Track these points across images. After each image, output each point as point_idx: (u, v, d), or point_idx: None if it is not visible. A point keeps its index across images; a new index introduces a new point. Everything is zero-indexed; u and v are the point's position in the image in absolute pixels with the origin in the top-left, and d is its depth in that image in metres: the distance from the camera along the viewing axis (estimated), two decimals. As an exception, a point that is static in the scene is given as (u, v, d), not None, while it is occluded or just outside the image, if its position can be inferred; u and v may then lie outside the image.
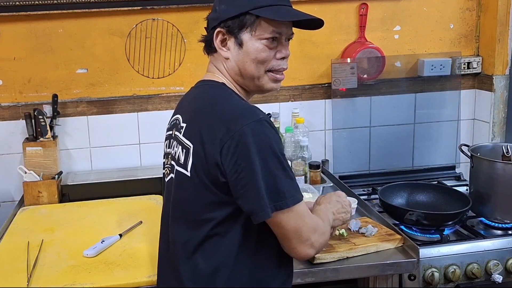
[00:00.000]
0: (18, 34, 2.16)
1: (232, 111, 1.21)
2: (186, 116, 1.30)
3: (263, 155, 1.15)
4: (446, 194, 1.99)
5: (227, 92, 1.29)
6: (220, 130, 1.17)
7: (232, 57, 1.30)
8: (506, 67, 2.38)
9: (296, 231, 1.21)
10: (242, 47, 1.29)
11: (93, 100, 2.25)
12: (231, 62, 1.31)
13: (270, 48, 1.29)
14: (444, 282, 1.69)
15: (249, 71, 1.30)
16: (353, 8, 2.35)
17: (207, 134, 1.19)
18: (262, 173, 1.14)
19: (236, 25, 1.27)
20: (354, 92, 2.37)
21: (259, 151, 1.14)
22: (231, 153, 1.15)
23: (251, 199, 1.16)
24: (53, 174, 2.13)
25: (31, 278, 1.50)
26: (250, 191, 1.15)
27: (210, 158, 1.17)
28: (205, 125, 1.20)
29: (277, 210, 1.16)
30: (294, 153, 2.20)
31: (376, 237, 1.71)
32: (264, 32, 1.27)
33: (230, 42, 1.29)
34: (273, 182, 1.16)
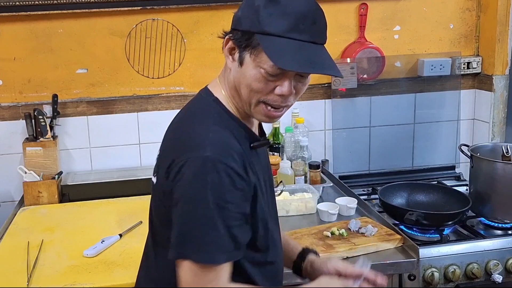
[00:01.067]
0: (18, 34, 2.16)
1: (187, 138, 1.10)
2: (172, 122, 1.23)
3: (192, 197, 1.03)
4: (446, 194, 1.99)
5: (205, 114, 1.15)
6: (169, 157, 1.10)
7: (233, 71, 1.13)
8: (506, 67, 2.38)
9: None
10: (242, 67, 1.10)
11: (93, 100, 2.25)
12: (231, 75, 1.14)
13: (268, 80, 1.08)
14: (444, 282, 1.69)
15: (242, 93, 1.12)
16: (353, 8, 2.35)
17: (167, 149, 1.15)
18: (184, 216, 1.05)
19: (243, 41, 1.09)
20: (354, 92, 2.37)
21: (190, 192, 1.04)
22: (170, 183, 1.07)
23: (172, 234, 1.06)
24: (53, 174, 2.13)
25: (31, 278, 1.50)
26: (174, 228, 1.06)
27: (162, 169, 1.12)
28: (169, 141, 1.16)
29: (179, 258, 1.05)
30: (294, 153, 2.20)
31: (376, 237, 1.71)
32: (264, 64, 1.07)
33: (236, 55, 1.12)
34: (188, 229, 1.04)
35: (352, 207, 1.94)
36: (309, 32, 1.11)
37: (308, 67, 1.07)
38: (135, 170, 2.25)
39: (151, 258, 1.22)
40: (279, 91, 1.09)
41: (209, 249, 1.03)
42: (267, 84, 1.09)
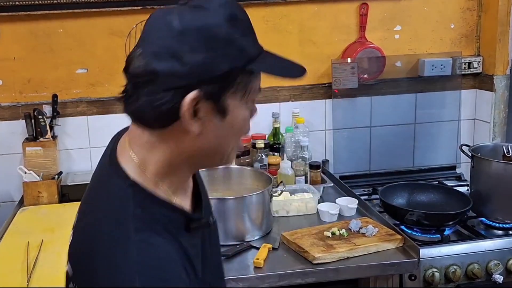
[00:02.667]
0: (18, 34, 2.16)
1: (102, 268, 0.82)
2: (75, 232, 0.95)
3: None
4: (447, 194, 1.99)
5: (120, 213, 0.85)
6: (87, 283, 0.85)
7: (207, 132, 0.85)
8: (506, 67, 2.37)
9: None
10: (226, 117, 0.86)
11: (93, 100, 2.25)
12: (197, 141, 0.85)
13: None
14: (444, 282, 1.69)
15: (223, 147, 0.89)
16: (353, 8, 2.34)
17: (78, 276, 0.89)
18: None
19: (219, 87, 0.83)
20: (354, 92, 2.36)
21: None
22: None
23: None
24: (53, 174, 2.12)
25: (31, 278, 1.50)
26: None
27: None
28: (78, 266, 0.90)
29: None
30: (294, 153, 2.20)
31: (377, 237, 1.71)
32: (253, 94, 0.89)
33: (205, 112, 0.83)
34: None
35: (353, 207, 1.94)
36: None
37: (299, 70, 0.94)
38: (135, 170, 2.24)
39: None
40: (254, 113, 0.94)
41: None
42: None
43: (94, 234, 0.86)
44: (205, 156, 0.90)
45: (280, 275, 1.56)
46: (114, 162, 0.91)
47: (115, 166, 0.90)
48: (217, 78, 0.82)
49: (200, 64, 0.81)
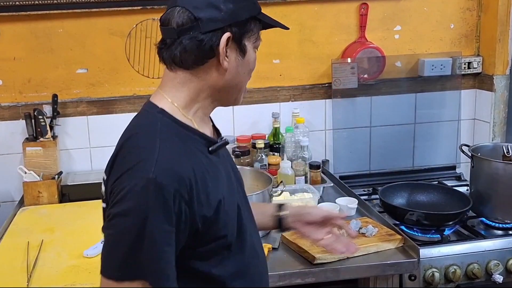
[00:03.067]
0: (18, 34, 2.16)
1: (132, 158, 1.03)
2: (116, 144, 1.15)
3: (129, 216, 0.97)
4: (447, 194, 1.99)
5: (148, 125, 1.09)
6: (117, 173, 1.04)
7: (231, 69, 1.10)
8: (506, 67, 2.37)
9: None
10: (244, 57, 1.11)
11: (93, 100, 2.25)
12: (224, 76, 1.10)
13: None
14: (444, 282, 1.69)
15: (241, 83, 1.14)
16: (353, 8, 2.34)
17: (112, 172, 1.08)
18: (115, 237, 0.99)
19: (242, 31, 1.09)
20: (354, 92, 2.36)
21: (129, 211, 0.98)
22: (111, 201, 1.02)
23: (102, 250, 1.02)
24: (53, 174, 2.12)
25: (31, 278, 1.50)
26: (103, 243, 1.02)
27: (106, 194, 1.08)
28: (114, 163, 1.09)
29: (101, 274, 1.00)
30: (294, 153, 2.20)
31: (377, 237, 1.71)
32: (257, 41, 1.14)
33: (231, 51, 1.09)
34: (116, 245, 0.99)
35: (353, 207, 1.94)
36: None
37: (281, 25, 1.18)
38: (135, 170, 2.24)
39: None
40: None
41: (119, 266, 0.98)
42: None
43: (126, 145, 1.07)
44: (226, 91, 1.13)
45: (280, 275, 1.56)
46: (148, 101, 1.15)
47: (148, 102, 1.15)
48: (241, 23, 1.08)
49: (231, 11, 1.06)
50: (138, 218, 0.96)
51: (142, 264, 0.97)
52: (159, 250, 0.98)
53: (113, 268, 0.99)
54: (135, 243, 0.97)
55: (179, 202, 0.99)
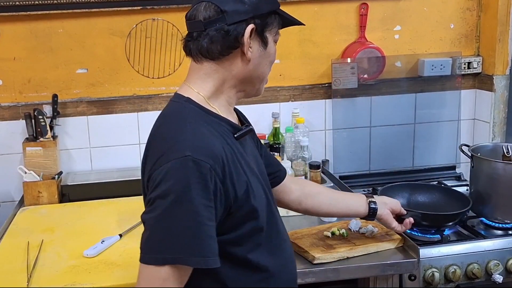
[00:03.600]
0: (18, 34, 2.16)
1: (165, 142, 1.08)
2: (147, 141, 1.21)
3: (164, 198, 1.01)
4: (447, 195, 1.98)
5: (178, 112, 1.15)
6: (152, 161, 1.08)
7: (253, 59, 1.17)
8: (506, 67, 2.37)
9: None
10: (266, 48, 1.19)
11: (93, 100, 2.25)
12: (247, 66, 1.17)
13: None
14: (444, 282, 1.69)
15: (263, 73, 1.22)
16: (353, 8, 2.34)
17: (147, 162, 1.12)
18: (159, 219, 1.02)
19: (263, 24, 1.17)
20: (354, 92, 2.37)
21: (164, 193, 1.01)
22: (150, 187, 1.06)
23: (143, 238, 1.05)
24: (53, 174, 2.13)
25: (31, 278, 1.50)
26: (145, 230, 1.05)
27: (144, 185, 1.13)
28: (147, 154, 1.14)
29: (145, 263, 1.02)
30: (294, 153, 2.20)
31: (376, 237, 1.71)
32: (277, 35, 1.22)
33: (254, 42, 1.16)
34: (157, 231, 1.02)
35: (353, 207, 1.93)
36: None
37: (300, 23, 1.27)
38: (135, 170, 2.24)
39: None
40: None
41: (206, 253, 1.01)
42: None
43: (157, 133, 1.14)
44: (249, 81, 1.20)
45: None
46: (175, 94, 1.20)
47: (175, 95, 1.20)
48: (264, 16, 1.15)
49: (254, 4, 1.13)
50: (180, 196, 1.00)
51: (186, 243, 1.00)
52: (204, 226, 1.01)
53: (156, 251, 1.00)
54: (179, 221, 1.00)
55: (215, 179, 1.03)
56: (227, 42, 1.13)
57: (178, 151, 1.03)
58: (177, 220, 1.00)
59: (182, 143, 1.05)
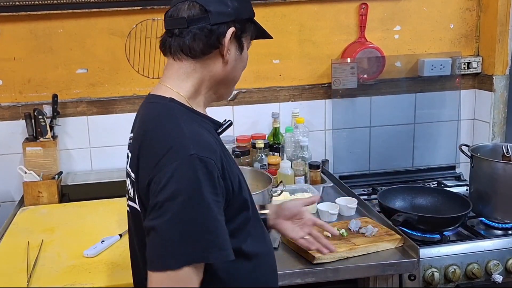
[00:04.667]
0: (18, 34, 2.16)
1: (165, 142, 1.06)
2: (132, 143, 1.18)
3: (172, 200, 0.99)
4: (447, 198, 1.98)
5: (168, 112, 1.13)
6: (150, 164, 1.05)
7: (230, 62, 1.19)
8: (506, 67, 2.37)
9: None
10: (241, 53, 1.21)
11: (93, 100, 2.25)
12: (224, 68, 1.19)
13: None
14: (444, 282, 1.69)
15: (236, 77, 1.23)
16: (353, 8, 2.35)
17: (140, 169, 1.08)
18: (172, 221, 0.99)
19: (242, 29, 1.19)
20: (354, 92, 2.37)
21: (171, 194, 0.99)
22: (153, 191, 1.02)
23: (148, 245, 1.02)
24: (53, 174, 2.13)
25: (31, 278, 1.50)
26: (152, 237, 1.01)
27: (142, 191, 1.07)
28: (140, 158, 1.10)
29: (156, 271, 0.99)
30: (294, 153, 2.20)
31: (376, 237, 1.71)
32: (250, 43, 1.25)
33: (232, 45, 1.18)
34: (172, 230, 0.98)
35: (352, 207, 1.94)
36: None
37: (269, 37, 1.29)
38: (135, 170, 2.25)
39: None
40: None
41: (223, 247, 1.01)
42: None
43: (149, 135, 1.10)
44: (224, 84, 1.22)
45: (279, 275, 1.54)
46: (149, 96, 1.20)
47: (151, 97, 1.19)
48: (243, 21, 1.18)
49: (236, 9, 1.16)
50: (191, 195, 0.99)
51: (204, 240, 0.99)
52: (217, 221, 1.02)
53: (173, 255, 0.98)
54: (194, 220, 0.99)
55: (217, 173, 1.05)
56: (210, 41, 1.14)
57: (181, 151, 1.02)
58: (192, 219, 0.99)
59: (183, 142, 1.04)
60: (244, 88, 2.32)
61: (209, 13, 1.13)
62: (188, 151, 1.02)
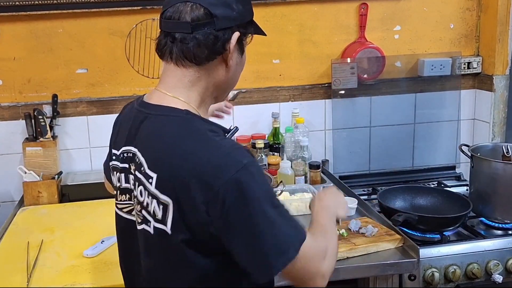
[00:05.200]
0: (18, 34, 2.16)
1: (210, 160, 1.01)
2: (150, 160, 1.08)
3: (256, 208, 0.99)
4: (447, 198, 1.97)
5: (195, 128, 1.07)
6: (201, 188, 0.99)
7: (232, 67, 1.14)
8: (506, 67, 2.37)
9: (305, 272, 1.07)
10: (242, 56, 1.17)
11: (93, 100, 2.25)
12: (227, 74, 1.15)
13: None
14: (444, 282, 1.69)
15: (235, 81, 1.20)
16: (353, 8, 2.35)
17: (192, 187, 1.00)
18: (260, 229, 0.99)
19: (245, 32, 1.15)
20: (354, 92, 2.37)
21: (250, 205, 0.99)
22: (219, 213, 0.99)
23: (253, 260, 1.02)
24: (53, 174, 2.13)
25: (31, 278, 1.50)
26: (251, 251, 1.01)
27: (199, 216, 1.01)
28: (187, 176, 1.01)
29: (285, 266, 1.02)
30: (294, 153, 2.20)
31: (376, 237, 1.71)
32: (248, 43, 1.20)
33: (234, 50, 1.13)
34: (273, 236, 1.00)
35: (352, 207, 1.94)
36: None
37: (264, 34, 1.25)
38: (135, 170, 2.25)
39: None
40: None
41: (296, 236, 1.05)
42: None
43: (185, 156, 1.03)
44: (224, 89, 1.19)
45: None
46: (158, 107, 1.12)
47: (161, 108, 1.11)
48: (246, 24, 1.14)
49: (241, 12, 1.12)
50: (265, 196, 1.02)
51: (294, 227, 1.05)
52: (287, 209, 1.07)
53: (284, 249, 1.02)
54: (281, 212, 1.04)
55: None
56: (215, 47, 1.09)
57: (234, 164, 1.00)
58: (279, 212, 1.03)
59: (230, 155, 1.02)
60: (244, 88, 2.32)
61: (215, 18, 1.08)
62: (241, 159, 1.01)
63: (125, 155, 1.16)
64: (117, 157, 1.20)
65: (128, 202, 1.18)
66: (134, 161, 1.13)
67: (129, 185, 1.16)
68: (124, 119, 1.25)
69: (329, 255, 1.12)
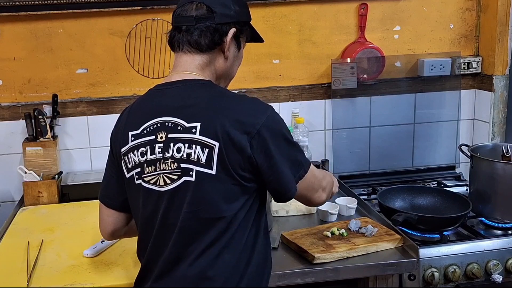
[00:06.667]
0: (18, 34, 2.16)
1: (249, 106, 1.27)
2: (188, 115, 1.24)
3: (283, 140, 1.27)
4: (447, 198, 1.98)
5: (222, 90, 1.34)
6: (246, 125, 1.22)
7: (229, 59, 1.37)
8: (506, 67, 2.38)
9: (312, 187, 1.37)
10: (239, 51, 1.40)
11: (93, 100, 2.25)
12: (225, 63, 1.37)
13: None
14: (444, 282, 1.69)
15: (233, 72, 1.42)
16: (353, 8, 2.35)
17: (233, 130, 1.21)
18: (287, 156, 1.27)
19: (241, 30, 1.37)
20: (354, 92, 2.37)
21: (281, 137, 1.26)
22: (261, 145, 1.22)
23: (281, 181, 1.27)
24: (53, 174, 2.13)
25: (31, 278, 1.50)
26: (281, 174, 1.26)
27: (241, 152, 1.21)
28: (228, 122, 1.22)
29: (300, 179, 1.30)
30: (294, 153, 2.20)
31: (376, 237, 1.71)
32: (245, 43, 1.43)
33: (232, 44, 1.36)
34: (293, 159, 1.29)
35: (352, 207, 1.94)
36: None
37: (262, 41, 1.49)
38: (135, 170, 2.25)
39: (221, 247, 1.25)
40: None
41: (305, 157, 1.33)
42: None
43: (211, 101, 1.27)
44: (224, 79, 1.40)
45: (279, 275, 1.56)
46: (179, 81, 1.31)
47: (183, 81, 1.31)
48: (242, 23, 1.37)
49: (238, 12, 1.34)
50: (288, 130, 1.30)
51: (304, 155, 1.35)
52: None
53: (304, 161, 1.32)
54: (294, 146, 1.31)
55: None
56: (214, 37, 1.31)
57: (265, 108, 1.26)
58: (296, 143, 1.33)
59: (260, 103, 1.28)
60: (244, 88, 2.33)
61: (215, 14, 1.30)
62: (269, 107, 1.27)
63: (150, 128, 1.28)
64: (138, 135, 1.31)
65: (153, 173, 1.27)
66: (162, 129, 1.26)
67: (154, 156, 1.26)
68: (138, 106, 1.39)
69: (326, 178, 1.44)
